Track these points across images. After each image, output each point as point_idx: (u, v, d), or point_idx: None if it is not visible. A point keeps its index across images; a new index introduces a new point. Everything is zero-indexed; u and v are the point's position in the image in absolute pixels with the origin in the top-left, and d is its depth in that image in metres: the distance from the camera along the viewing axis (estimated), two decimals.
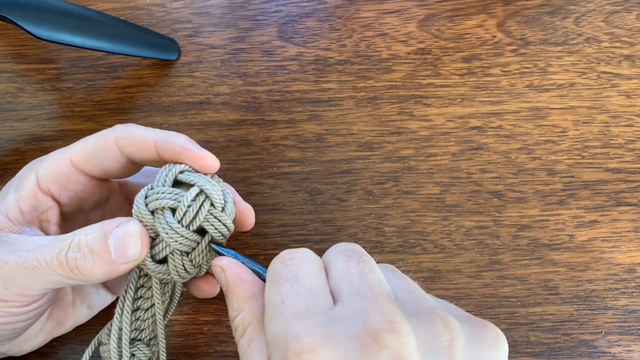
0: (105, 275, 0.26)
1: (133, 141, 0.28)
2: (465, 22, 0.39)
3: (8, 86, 0.39)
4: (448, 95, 0.38)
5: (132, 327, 0.28)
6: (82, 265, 0.25)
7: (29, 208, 0.28)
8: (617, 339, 0.34)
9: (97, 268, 0.25)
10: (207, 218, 0.26)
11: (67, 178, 0.29)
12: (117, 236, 0.25)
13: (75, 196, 0.29)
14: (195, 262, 0.27)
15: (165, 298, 0.29)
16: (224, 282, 0.26)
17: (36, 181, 0.28)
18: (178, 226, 0.26)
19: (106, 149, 0.28)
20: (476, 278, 0.35)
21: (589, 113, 0.37)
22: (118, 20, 0.38)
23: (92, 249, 0.25)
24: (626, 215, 0.36)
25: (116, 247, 0.25)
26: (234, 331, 0.25)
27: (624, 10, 0.39)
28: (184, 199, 0.26)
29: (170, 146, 0.27)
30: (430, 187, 0.36)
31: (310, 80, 0.39)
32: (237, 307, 0.25)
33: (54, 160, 0.29)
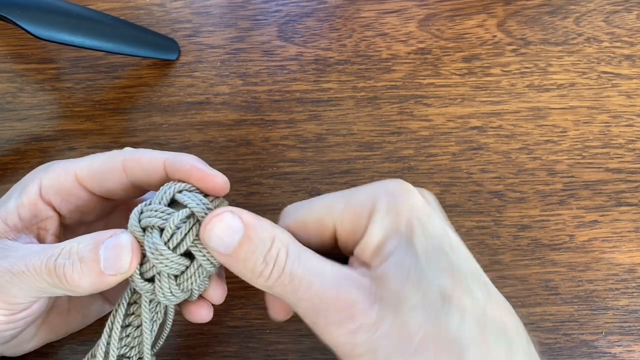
0: (92, 286, 0.25)
1: (140, 163, 0.27)
2: (465, 22, 0.39)
3: (8, 86, 0.39)
4: (448, 95, 0.38)
5: (121, 344, 0.27)
6: (69, 274, 0.24)
7: (28, 215, 0.28)
8: (617, 339, 0.34)
9: (85, 277, 0.24)
10: (195, 243, 0.25)
11: (70, 192, 0.28)
12: (108, 246, 0.25)
13: (77, 209, 0.29)
14: (183, 287, 0.26)
15: (156, 318, 0.27)
16: (238, 225, 0.24)
17: (39, 190, 0.28)
18: (163, 247, 0.25)
19: (112, 170, 0.28)
20: None
21: (589, 113, 0.37)
22: (118, 20, 0.38)
23: (81, 257, 0.25)
24: (626, 215, 0.36)
25: (106, 257, 0.25)
26: (272, 262, 0.24)
27: (625, 10, 0.39)
28: (172, 219, 0.25)
29: (180, 165, 0.27)
30: (430, 187, 0.36)
31: (310, 80, 0.39)
32: (268, 235, 0.24)
33: (59, 172, 0.28)
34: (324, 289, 0.23)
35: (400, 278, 0.23)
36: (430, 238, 0.24)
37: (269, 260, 0.24)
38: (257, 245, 0.24)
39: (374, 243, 0.24)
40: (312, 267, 0.24)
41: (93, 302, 0.32)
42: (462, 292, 0.23)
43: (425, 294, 0.23)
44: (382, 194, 0.24)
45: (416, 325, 0.22)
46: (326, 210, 0.26)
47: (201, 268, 0.26)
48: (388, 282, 0.23)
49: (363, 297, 0.23)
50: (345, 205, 0.25)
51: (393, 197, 0.24)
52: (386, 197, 0.24)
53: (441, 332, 0.22)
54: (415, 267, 0.23)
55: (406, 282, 0.23)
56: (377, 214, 0.24)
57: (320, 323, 0.23)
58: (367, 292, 0.23)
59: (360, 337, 0.22)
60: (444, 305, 0.22)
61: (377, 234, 0.24)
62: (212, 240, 0.24)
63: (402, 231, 0.24)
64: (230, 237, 0.24)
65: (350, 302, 0.23)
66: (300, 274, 0.23)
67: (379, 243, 0.24)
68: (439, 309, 0.22)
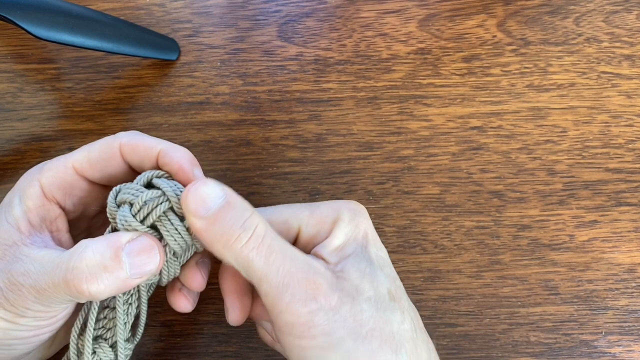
0: (114, 292, 0.25)
1: (136, 149, 0.28)
2: (465, 22, 0.39)
3: (8, 86, 0.39)
4: (448, 95, 0.38)
5: (98, 325, 0.28)
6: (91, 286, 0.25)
7: (37, 219, 0.28)
8: (617, 339, 0.34)
9: (108, 286, 0.25)
10: (160, 218, 0.26)
11: (71, 185, 0.28)
12: (132, 252, 0.25)
13: (80, 202, 0.29)
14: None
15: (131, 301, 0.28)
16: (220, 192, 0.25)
17: (41, 190, 0.28)
18: (132, 219, 0.26)
19: (110, 156, 0.28)
20: (476, 278, 0.35)
21: (589, 113, 0.37)
22: (118, 20, 0.38)
23: (105, 266, 0.25)
24: (626, 215, 0.36)
25: (132, 263, 0.25)
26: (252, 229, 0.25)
27: (624, 10, 0.39)
28: (142, 195, 0.26)
29: (169, 160, 0.28)
30: (430, 187, 0.36)
31: (310, 80, 0.39)
32: (248, 207, 0.26)
33: (56, 168, 0.28)
34: (296, 268, 0.25)
35: (358, 274, 0.27)
36: (379, 250, 0.29)
37: (248, 227, 0.25)
38: (237, 211, 0.25)
39: (336, 244, 0.28)
40: (286, 246, 0.26)
41: None
42: (401, 297, 0.27)
43: (377, 291, 0.27)
44: (346, 209, 0.29)
45: (368, 316, 0.26)
46: (293, 214, 0.29)
47: (168, 247, 0.27)
48: (348, 275, 0.27)
49: (327, 283, 0.26)
50: (310, 213, 0.29)
51: (354, 213, 0.29)
52: (349, 212, 0.29)
53: (386, 326, 0.26)
54: (370, 268, 0.27)
55: (363, 279, 0.27)
56: (342, 222, 0.28)
57: (286, 300, 0.25)
58: (330, 280, 0.26)
59: (319, 318, 0.25)
60: (391, 304, 0.27)
61: (340, 237, 0.28)
62: (194, 202, 0.25)
63: (359, 240, 0.28)
64: (212, 201, 0.25)
65: (316, 284, 0.25)
66: (277, 249, 0.25)
67: (341, 245, 0.28)
68: (387, 305, 0.26)
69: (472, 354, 0.34)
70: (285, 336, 0.26)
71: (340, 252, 0.28)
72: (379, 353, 0.25)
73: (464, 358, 0.34)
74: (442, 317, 0.35)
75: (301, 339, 0.25)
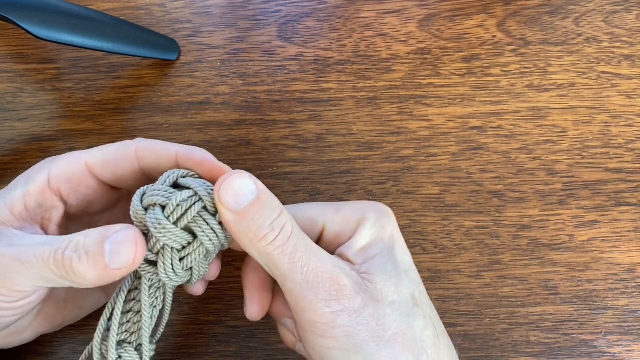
0: (98, 280, 0.25)
1: (153, 152, 0.28)
2: (465, 22, 0.39)
3: (8, 86, 0.39)
4: (448, 95, 0.38)
5: (121, 329, 0.27)
6: (76, 266, 0.25)
7: (34, 205, 0.28)
8: (617, 339, 0.34)
9: (90, 271, 0.25)
10: (195, 219, 0.26)
11: (79, 181, 0.29)
12: (113, 240, 0.25)
13: (84, 199, 0.29)
14: (185, 264, 0.27)
15: (156, 304, 0.28)
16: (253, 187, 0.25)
17: (47, 179, 0.28)
18: (166, 221, 0.26)
19: (125, 157, 0.28)
20: (476, 278, 0.35)
21: (589, 113, 0.37)
22: (118, 20, 0.38)
23: (87, 250, 0.25)
24: (626, 215, 0.36)
25: (111, 251, 0.25)
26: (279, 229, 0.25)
27: (624, 10, 0.39)
28: (175, 197, 0.26)
29: (191, 156, 0.28)
30: (430, 187, 0.36)
31: (310, 80, 0.39)
32: (278, 205, 0.26)
33: (69, 161, 0.29)
34: (320, 268, 0.25)
35: (383, 277, 0.26)
36: (405, 254, 0.28)
37: (276, 227, 0.25)
38: (267, 209, 0.25)
39: (361, 244, 0.28)
40: (312, 246, 0.26)
41: (91, 294, 0.32)
42: (425, 303, 0.27)
43: (401, 295, 0.26)
44: (372, 209, 0.29)
45: (391, 320, 0.26)
46: (318, 212, 0.29)
47: (202, 247, 0.26)
48: (372, 277, 0.26)
49: (351, 284, 0.26)
50: (336, 211, 0.29)
51: (380, 214, 0.29)
52: (375, 212, 0.29)
53: (409, 331, 0.26)
54: (395, 271, 0.27)
55: (387, 282, 0.26)
56: (368, 222, 0.28)
57: (309, 299, 0.25)
58: (354, 281, 0.26)
59: (342, 319, 0.25)
60: (414, 309, 0.26)
61: (365, 237, 0.28)
62: (227, 194, 0.25)
63: (385, 242, 0.28)
64: (244, 196, 0.25)
65: (340, 285, 0.25)
66: (302, 248, 0.25)
67: (365, 245, 0.28)
68: (410, 311, 0.26)
69: (472, 354, 0.34)
70: (308, 335, 0.26)
71: (366, 252, 0.27)
72: (401, 358, 0.25)
73: (464, 358, 0.34)
74: (442, 317, 0.35)
75: (324, 339, 0.25)
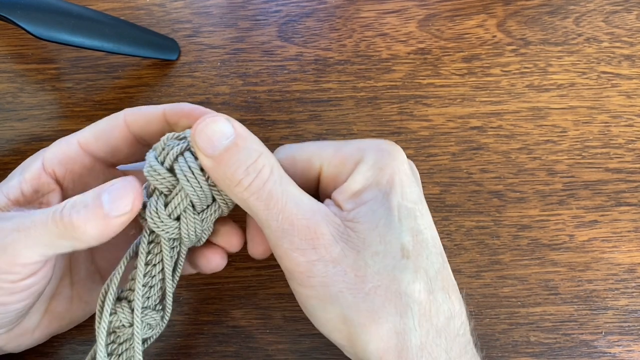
0: (99, 232, 0.25)
1: (141, 115, 0.29)
2: (465, 22, 0.39)
3: (8, 86, 0.39)
4: (448, 95, 0.38)
5: (125, 287, 0.27)
6: (75, 220, 0.24)
7: (30, 190, 0.28)
8: (617, 339, 0.34)
9: (90, 223, 0.24)
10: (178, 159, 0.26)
11: (74, 160, 0.29)
12: (110, 190, 0.25)
13: (80, 180, 0.29)
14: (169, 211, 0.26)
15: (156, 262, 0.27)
16: (229, 131, 0.24)
17: (41, 164, 0.28)
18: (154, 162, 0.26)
19: (115, 127, 0.29)
20: (476, 278, 0.35)
21: (589, 113, 0.37)
22: (118, 20, 0.38)
23: (85, 204, 0.24)
24: (626, 215, 0.36)
25: (109, 200, 0.24)
26: (255, 173, 0.24)
27: (624, 10, 0.39)
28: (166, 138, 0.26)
29: (179, 110, 0.28)
30: (430, 187, 0.36)
31: (310, 80, 0.39)
32: (257, 148, 0.25)
33: (61, 143, 0.29)
34: (297, 214, 0.24)
35: (370, 225, 0.25)
36: (406, 199, 0.26)
37: (251, 171, 0.24)
38: (243, 154, 0.25)
39: (354, 188, 0.26)
40: (291, 191, 0.25)
41: (96, 289, 0.32)
42: (420, 254, 0.25)
43: (388, 245, 0.24)
44: (373, 148, 0.26)
45: (373, 271, 0.24)
46: (316, 151, 0.27)
47: (183, 192, 0.26)
48: (357, 226, 0.25)
49: (330, 232, 0.24)
50: (335, 151, 0.27)
51: (382, 154, 0.26)
52: (376, 153, 0.26)
53: (393, 285, 0.24)
54: (386, 219, 0.25)
55: (374, 230, 0.24)
56: (364, 164, 0.26)
57: (284, 246, 0.24)
58: (335, 229, 0.25)
59: (318, 269, 0.24)
60: (402, 261, 0.24)
61: (358, 181, 0.26)
62: (201, 139, 0.25)
63: (383, 185, 0.25)
64: (219, 141, 0.24)
65: (317, 234, 0.24)
66: (279, 194, 0.25)
67: (358, 190, 0.26)
68: (397, 263, 0.24)
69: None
70: (289, 281, 0.26)
71: (358, 198, 0.25)
72: (381, 312, 0.24)
73: None
74: None
75: (301, 287, 0.25)
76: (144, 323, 0.27)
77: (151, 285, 0.27)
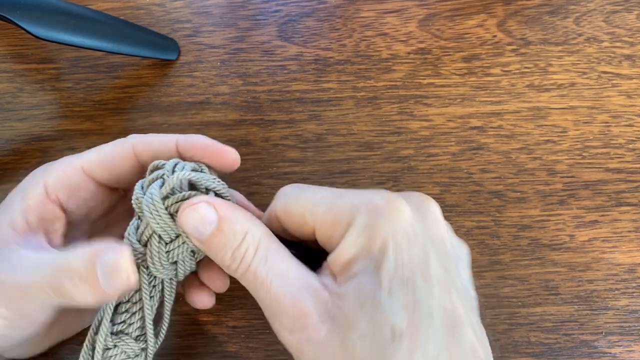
0: (98, 301, 0.25)
1: (151, 146, 0.28)
2: (465, 21, 0.39)
3: (8, 86, 0.39)
4: (448, 95, 0.38)
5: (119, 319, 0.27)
6: (71, 292, 0.24)
7: (35, 219, 0.27)
8: (617, 339, 0.34)
9: (87, 294, 0.24)
10: None
11: (78, 186, 0.28)
12: (104, 263, 0.24)
13: (85, 204, 0.29)
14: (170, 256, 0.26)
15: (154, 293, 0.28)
16: (212, 217, 0.24)
17: (44, 190, 0.28)
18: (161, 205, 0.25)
19: (122, 156, 0.28)
20: (476, 278, 0.35)
21: (589, 113, 0.37)
22: (118, 20, 0.38)
23: (80, 274, 0.24)
24: (627, 215, 0.36)
25: (104, 273, 0.24)
26: (240, 258, 0.24)
27: (625, 10, 0.39)
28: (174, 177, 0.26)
29: (193, 144, 0.27)
30: (430, 187, 0.36)
31: (310, 80, 0.39)
32: (241, 229, 0.24)
33: (64, 168, 0.28)
34: (284, 294, 0.23)
35: (356, 304, 0.22)
36: (402, 268, 0.23)
37: (237, 256, 0.24)
38: (228, 238, 0.24)
39: (344, 258, 0.23)
40: (277, 270, 0.24)
41: None
42: (416, 333, 0.22)
43: (377, 327, 0.22)
44: (366, 208, 0.23)
45: (361, 354, 0.22)
46: (310, 208, 0.25)
47: (185, 244, 0.26)
48: (344, 303, 0.23)
49: (318, 310, 0.23)
50: (328, 209, 0.24)
51: (375, 215, 0.23)
52: (367, 214, 0.23)
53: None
54: (374, 297, 0.22)
55: (360, 310, 0.22)
56: (354, 229, 0.23)
57: (275, 325, 0.24)
58: (322, 307, 0.23)
59: (308, 349, 0.23)
60: (393, 344, 0.22)
61: (348, 250, 0.23)
62: (188, 227, 0.25)
63: (374, 254, 0.23)
64: (203, 227, 0.24)
65: (304, 313, 0.23)
66: (263, 275, 0.24)
67: (348, 260, 0.23)
68: (387, 346, 0.22)
69: None
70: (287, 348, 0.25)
71: (348, 270, 0.23)
72: None
73: None
74: None
75: (296, 358, 0.24)
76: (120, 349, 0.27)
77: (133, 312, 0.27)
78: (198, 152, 0.27)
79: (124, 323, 0.27)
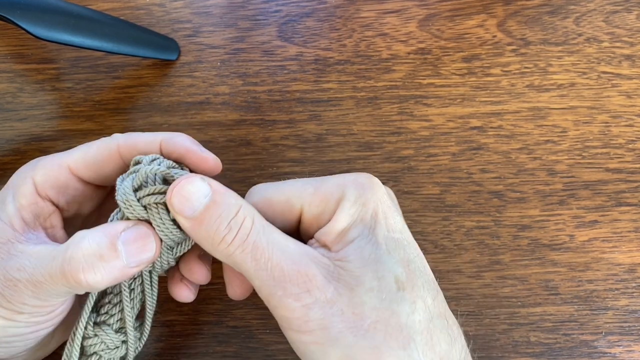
0: (112, 282, 0.25)
1: (136, 147, 0.28)
2: (465, 22, 0.39)
3: (8, 86, 0.39)
4: (448, 95, 0.38)
5: (102, 311, 0.28)
6: (88, 276, 0.24)
7: (31, 216, 0.27)
8: (617, 339, 0.34)
9: (106, 275, 0.25)
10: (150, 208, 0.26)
11: (66, 185, 0.28)
12: (127, 240, 0.25)
13: (74, 201, 0.29)
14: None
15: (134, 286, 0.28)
16: (206, 190, 0.25)
17: (34, 188, 0.28)
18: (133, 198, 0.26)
19: (108, 157, 0.28)
20: (476, 278, 0.35)
21: (589, 113, 0.37)
22: (118, 20, 0.38)
23: (101, 255, 0.24)
24: (626, 215, 0.36)
25: (128, 251, 0.25)
26: (237, 228, 0.24)
27: (625, 10, 0.39)
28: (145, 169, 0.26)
29: (174, 147, 0.28)
30: (430, 187, 0.36)
31: (310, 80, 0.39)
32: (235, 203, 0.25)
33: (50, 166, 0.28)
34: (286, 261, 0.24)
35: (360, 262, 0.24)
36: (392, 231, 0.26)
37: (234, 226, 0.24)
38: (223, 209, 0.25)
39: (339, 228, 0.25)
40: (276, 239, 0.25)
41: None
42: (414, 284, 0.25)
43: (382, 280, 0.24)
44: (352, 184, 0.26)
45: (370, 307, 0.24)
46: (295, 192, 0.27)
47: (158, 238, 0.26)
48: (347, 264, 0.24)
49: (322, 273, 0.24)
50: (315, 190, 0.26)
51: (362, 189, 0.26)
52: (356, 189, 0.26)
53: (392, 319, 0.24)
54: (375, 254, 0.25)
55: (365, 267, 0.24)
56: (346, 202, 0.26)
57: (278, 294, 0.24)
58: (325, 270, 0.24)
59: (314, 312, 0.24)
60: (398, 293, 0.24)
61: (343, 220, 0.25)
62: (180, 202, 0.25)
63: (367, 221, 0.25)
64: (197, 200, 0.25)
65: (309, 277, 0.24)
66: (264, 244, 0.24)
67: (344, 229, 0.25)
68: (393, 296, 0.24)
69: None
70: (286, 331, 0.25)
71: (344, 237, 0.25)
72: (384, 348, 0.23)
73: None
74: None
75: (300, 334, 0.24)
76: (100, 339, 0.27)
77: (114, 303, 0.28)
78: (179, 155, 0.28)
79: (106, 314, 0.28)
